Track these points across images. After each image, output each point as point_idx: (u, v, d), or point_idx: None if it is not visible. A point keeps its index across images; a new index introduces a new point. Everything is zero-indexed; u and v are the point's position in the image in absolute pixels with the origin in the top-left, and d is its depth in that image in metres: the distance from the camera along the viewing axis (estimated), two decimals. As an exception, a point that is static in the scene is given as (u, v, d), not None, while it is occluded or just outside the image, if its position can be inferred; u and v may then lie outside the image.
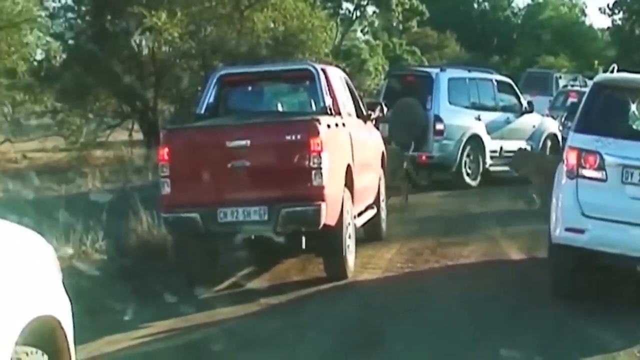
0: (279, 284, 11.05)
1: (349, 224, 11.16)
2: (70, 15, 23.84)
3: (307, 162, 10.32)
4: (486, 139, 19.22)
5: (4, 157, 26.10)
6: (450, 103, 18.82)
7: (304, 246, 10.62)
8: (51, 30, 23.91)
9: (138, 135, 25.89)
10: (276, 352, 8.57)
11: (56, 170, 21.94)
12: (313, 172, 10.33)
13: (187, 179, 10.56)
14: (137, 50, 22.61)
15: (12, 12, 21.32)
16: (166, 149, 10.63)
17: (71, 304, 5.49)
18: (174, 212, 10.56)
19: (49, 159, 25.48)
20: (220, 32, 21.32)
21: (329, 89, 11.69)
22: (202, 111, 11.91)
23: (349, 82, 13.08)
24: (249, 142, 10.44)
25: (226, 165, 10.43)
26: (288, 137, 10.42)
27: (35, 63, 23.70)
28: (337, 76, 12.44)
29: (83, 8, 23.92)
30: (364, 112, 13.18)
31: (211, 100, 11.95)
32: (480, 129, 19.16)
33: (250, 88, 12.43)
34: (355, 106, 12.85)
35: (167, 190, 10.59)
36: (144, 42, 21.98)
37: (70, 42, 24.04)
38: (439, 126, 18.47)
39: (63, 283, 5.50)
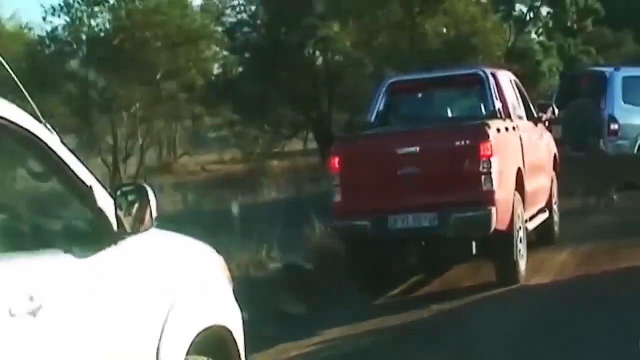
0: (450, 289, 11.07)
1: (520, 227, 11.07)
2: (246, 29, 24.36)
3: (477, 167, 10.32)
4: (661, 137, 18.67)
5: (183, 169, 26.97)
6: (624, 102, 18.39)
7: (474, 251, 10.60)
8: (228, 44, 24.46)
9: (312, 144, 26.27)
10: (450, 356, 8.57)
11: (233, 182, 22.47)
12: (483, 176, 10.32)
13: (358, 187, 10.70)
14: (310, 61, 22.93)
15: (190, 28, 21.96)
16: (337, 158, 10.80)
17: (243, 312, 5.63)
18: (345, 220, 10.72)
19: (227, 170, 26.14)
20: (392, 39, 21.42)
21: (498, 93, 11.66)
22: (373, 119, 12.04)
23: (519, 84, 12.99)
24: (418, 148, 10.52)
25: (396, 172, 10.53)
26: (458, 143, 10.45)
27: (213, 77, 24.31)
28: (507, 79, 12.39)
29: (258, 22, 24.41)
30: (535, 115, 13.06)
31: (381, 108, 12.06)
32: (655, 127, 18.62)
33: (419, 95, 12.51)
34: (525, 109, 12.76)
35: (338, 198, 10.76)
36: (317, 53, 22.26)
37: (246, 55, 24.54)
38: (614, 126, 18.06)
39: (234, 292, 5.67)
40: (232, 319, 5.44)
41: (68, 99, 21.30)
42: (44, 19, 21.53)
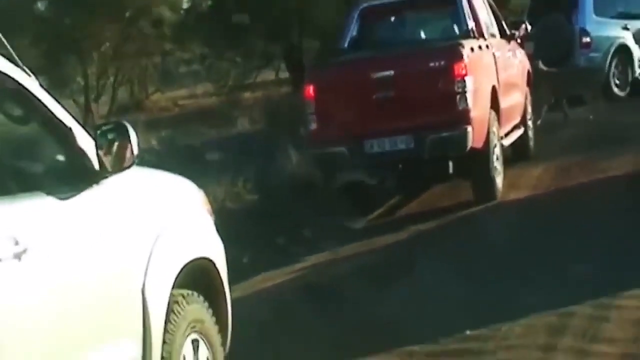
0: (428, 210, 11.18)
1: (496, 145, 11.15)
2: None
3: (452, 87, 10.37)
4: (634, 48, 18.69)
5: (156, 106, 26.84)
6: (596, 15, 18.37)
7: (451, 171, 10.67)
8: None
9: (284, 74, 26.17)
10: (432, 276, 8.58)
11: (207, 115, 22.40)
12: (458, 96, 10.38)
13: (333, 114, 10.73)
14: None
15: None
16: (311, 86, 10.82)
17: (225, 244, 5.68)
18: (322, 148, 10.76)
19: (199, 104, 26.02)
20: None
21: (471, 12, 11.66)
22: (346, 45, 12.02)
23: (491, 2, 12.96)
24: (392, 72, 10.54)
25: (371, 97, 10.57)
26: (432, 64, 10.48)
27: (182, 12, 24.08)
28: (478, -2, 12.35)
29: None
30: (508, 32, 13.06)
31: (354, 34, 12.05)
32: (628, 39, 18.64)
33: (392, 19, 12.44)
34: (498, 26, 12.76)
35: (314, 126, 10.80)
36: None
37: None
38: (586, 39, 18.06)
39: (215, 225, 5.71)
40: (215, 252, 5.49)
41: (37, 41, 21.08)
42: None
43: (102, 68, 21.48)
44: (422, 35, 12.36)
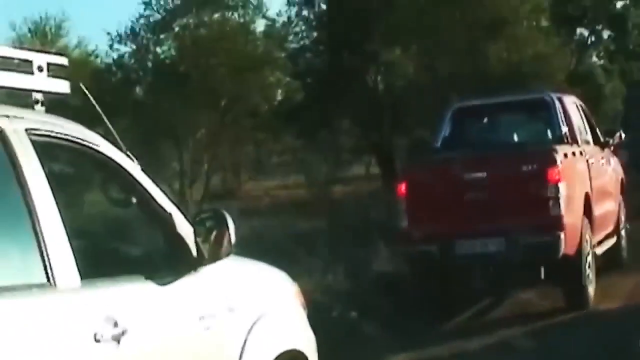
0: (518, 314, 11.04)
1: (589, 252, 11.04)
2: (308, 55, 24.52)
3: (545, 192, 10.33)
4: None
5: (248, 195, 27.08)
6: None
7: (542, 276, 10.57)
8: (290, 70, 24.62)
9: (375, 169, 26.29)
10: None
11: (298, 207, 22.52)
12: (551, 201, 10.32)
13: (425, 213, 10.75)
14: (373, 86, 23.02)
15: (254, 54, 22.15)
16: (405, 183, 10.87)
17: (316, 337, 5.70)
18: (412, 246, 10.75)
19: (290, 195, 26.18)
20: (455, 63, 21.44)
21: (565, 118, 11.67)
22: (439, 144, 12.07)
23: (585, 109, 12.97)
24: (485, 173, 10.55)
25: (463, 197, 10.57)
26: (525, 168, 10.46)
27: (276, 103, 24.46)
28: (572, 104, 12.38)
29: (321, 47, 24.55)
30: (601, 139, 13.02)
31: (447, 133, 12.10)
32: None
33: (486, 120, 12.52)
34: (591, 133, 12.73)
35: (405, 223, 10.81)
36: (379, 78, 22.35)
37: (309, 80, 24.67)
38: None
39: (307, 318, 5.74)
40: (307, 344, 5.51)
41: (134, 126, 21.55)
42: (110, 47, 21.90)
43: (197, 154, 21.82)
44: (515, 137, 12.37)
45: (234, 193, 26.76)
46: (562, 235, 10.31)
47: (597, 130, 13.10)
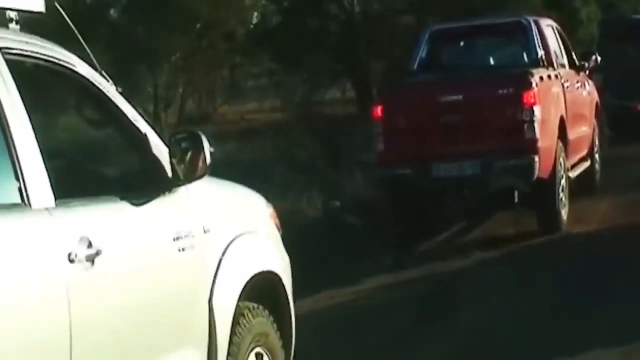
0: (491, 237, 11.13)
1: (562, 176, 11.10)
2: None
3: (520, 116, 10.36)
4: None
5: (223, 119, 26.88)
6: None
7: (516, 200, 10.63)
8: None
9: (351, 93, 26.19)
10: (490, 306, 8.56)
11: (273, 131, 22.42)
12: (526, 125, 10.36)
13: (401, 136, 10.76)
14: (349, 8, 22.82)
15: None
16: (380, 107, 10.85)
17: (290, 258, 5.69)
18: (388, 168, 10.78)
19: (266, 119, 26.04)
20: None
21: (541, 41, 11.64)
22: (415, 67, 12.03)
23: (561, 32, 12.93)
24: (461, 97, 10.55)
25: (439, 121, 10.58)
26: (501, 91, 10.47)
27: (252, 26, 24.20)
28: (549, 27, 12.34)
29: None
30: (577, 63, 13.01)
31: (423, 56, 12.05)
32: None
33: (462, 43, 12.47)
34: (567, 57, 12.72)
35: (380, 147, 10.83)
36: (355, 0, 22.18)
37: (285, 3, 24.42)
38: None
39: (282, 239, 5.74)
40: (282, 266, 5.50)
41: (109, 47, 21.30)
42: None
43: (171, 78, 21.63)
44: (492, 61, 12.36)
45: (209, 117, 26.53)
46: (537, 159, 10.35)
47: (573, 53, 13.07)
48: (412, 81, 11.80)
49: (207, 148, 4.67)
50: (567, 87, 11.77)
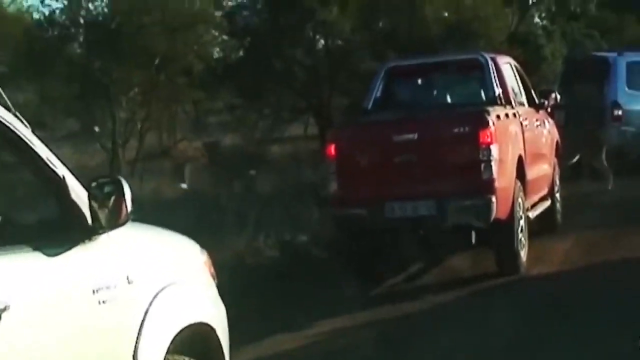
0: (449, 279, 10.83)
1: (521, 216, 10.85)
2: (245, 13, 24.09)
3: (476, 155, 10.11)
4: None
5: (183, 155, 26.76)
6: (628, 88, 18.10)
7: (474, 241, 10.37)
8: (227, 28, 24.18)
9: (314, 130, 26.02)
10: (445, 351, 8.31)
11: (231, 167, 22.25)
12: (483, 164, 10.11)
13: (355, 175, 10.51)
14: (311, 45, 22.66)
15: (189, 12, 21.65)
16: (333, 146, 10.60)
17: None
18: (342, 209, 10.51)
19: (225, 155, 25.88)
20: (393, 23, 21.16)
21: (499, 78, 11.42)
22: (370, 105, 11.78)
23: (520, 70, 12.72)
24: (416, 135, 10.30)
25: (393, 160, 10.32)
26: (456, 130, 10.23)
27: (213, 62, 23.96)
28: (507, 65, 12.12)
29: (258, 6, 24.14)
30: (537, 101, 12.81)
31: (379, 94, 11.80)
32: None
33: (418, 80, 12.20)
34: (527, 95, 12.51)
35: (334, 186, 10.57)
36: (317, 37, 22.01)
37: (247, 39, 24.27)
38: (617, 112, 17.78)
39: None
40: (216, 317, 5.21)
41: (67, 83, 21.07)
42: (41, 1, 21.30)
43: (130, 113, 21.36)
44: (448, 99, 12.11)
45: (169, 152, 26.37)
46: (494, 199, 10.11)
47: (533, 91, 12.87)
48: (365, 119, 11.54)
49: (129, 194, 4.40)
50: (526, 125, 11.55)
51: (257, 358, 8.20)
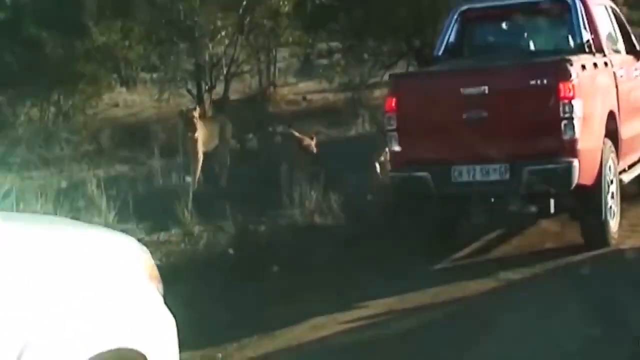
0: (523, 254, 9.48)
1: (612, 181, 9.43)
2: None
3: (556, 111, 8.70)
4: None
5: (284, 99, 25.90)
6: None
7: (552, 210, 8.99)
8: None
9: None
10: (512, 341, 7.05)
11: (330, 113, 21.35)
12: (563, 123, 8.71)
13: (417, 133, 9.22)
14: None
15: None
16: (394, 99, 9.31)
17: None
18: (402, 171, 9.26)
19: (326, 100, 24.93)
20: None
21: (588, 22, 9.89)
22: (440, 53, 10.40)
23: (618, 12, 11.13)
24: (486, 88, 8.91)
25: (461, 117, 8.96)
26: (532, 82, 8.79)
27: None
28: (600, 6, 10.55)
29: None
30: (637, 47, 11.20)
31: (451, 39, 10.40)
32: None
33: (496, 24, 10.69)
34: (625, 41, 10.93)
35: (394, 145, 9.32)
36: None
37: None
38: None
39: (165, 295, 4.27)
40: (150, 339, 4.05)
41: (150, 27, 20.14)
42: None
43: (215, 58, 20.26)
44: (529, 46, 10.55)
45: (268, 97, 25.37)
46: (576, 163, 8.71)
47: (632, 36, 11.25)
48: (431, 69, 10.17)
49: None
50: (621, 76, 10.05)
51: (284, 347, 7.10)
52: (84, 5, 19.18)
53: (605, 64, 9.70)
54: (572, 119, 8.66)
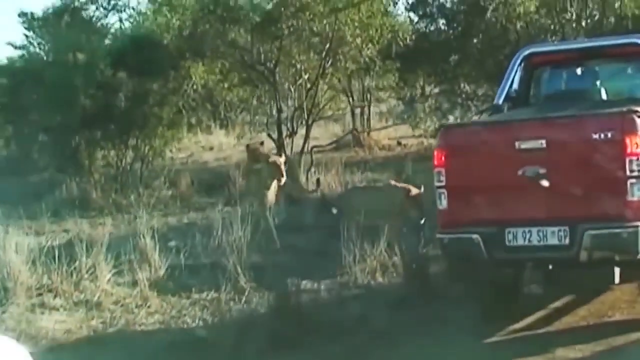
0: (585, 328, 8.45)
1: (690, 247, 8.33)
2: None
3: (621, 169, 7.69)
4: None
5: (377, 144, 25.36)
6: None
7: (617, 280, 7.96)
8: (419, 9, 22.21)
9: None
10: None
11: (423, 158, 20.57)
12: (629, 181, 7.68)
13: (468, 190, 8.29)
14: (502, 32, 20.13)
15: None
16: (443, 152, 8.41)
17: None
18: (451, 232, 8.34)
19: (420, 145, 24.23)
20: (581, 3, 18.46)
21: (666, 68, 8.87)
22: (501, 101, 9.47)
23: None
24: (544, 142, 7.96)
25: (516, 173, 8.02)
26: (595, 135, 7.80)
27: (402, 45, 21.92)
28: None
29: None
30: None
31: (512, 87, 9.47)
32: None
33: (563, 70, 9.71)
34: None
35: (443, 203, 8.39)
36: (495, 18, 19.49)
37: (441, 21, 22.21)
38: None
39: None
40: None
41: (234, 67, 19.64)
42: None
43: (299, 102, 19.62)
44: (601, 94, 9.53)
45: (360, 142, 24.74)
46: (643, 227, 7.67)
47: None
48: (485, 120, 9.23)
49: None
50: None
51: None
52: (163, 47, 18.72)
53: (683, 114, 8.65)
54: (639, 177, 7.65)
